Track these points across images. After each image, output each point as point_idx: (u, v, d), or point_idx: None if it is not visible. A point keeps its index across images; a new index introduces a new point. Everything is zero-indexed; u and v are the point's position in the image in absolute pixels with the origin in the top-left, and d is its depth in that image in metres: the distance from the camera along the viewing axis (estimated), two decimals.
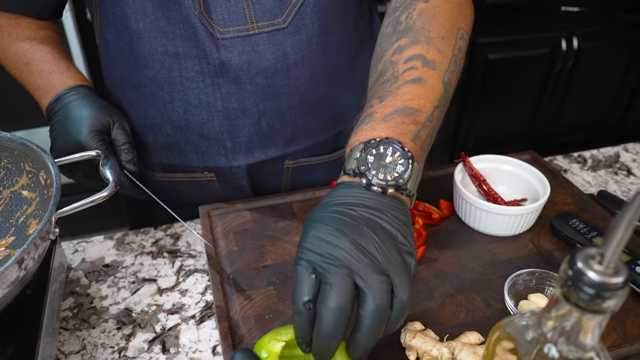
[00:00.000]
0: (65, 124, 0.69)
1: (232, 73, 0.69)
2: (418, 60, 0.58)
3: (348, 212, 0.47)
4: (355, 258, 0.44)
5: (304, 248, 0.45)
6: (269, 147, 0.77)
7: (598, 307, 0.30)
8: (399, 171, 0.50)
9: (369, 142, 0.51)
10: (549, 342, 0.34)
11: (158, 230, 0.77)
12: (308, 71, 0.72)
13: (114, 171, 0.54)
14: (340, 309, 0.42)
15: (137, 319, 0.64)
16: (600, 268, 0.30)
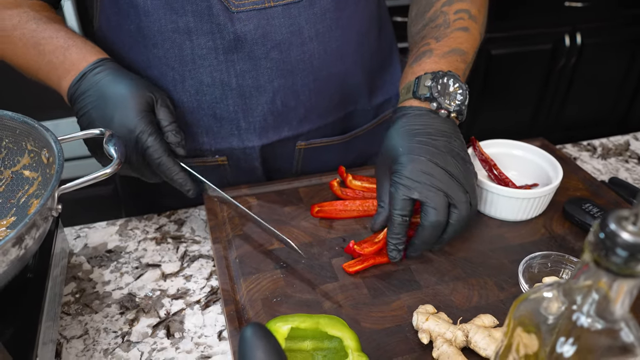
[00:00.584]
0: (102, 105, 0.60)
1: (247, 48, 0.68)
2: (465, 13, 0.73)
3: (432, 142, 0.61)
4: (447, 183, 0.58)
5: (404, 176, 0.59)
6: (283, 126, 0.75)
7: (631, 271, 0.29)
8: (459, 99, 0.64)
9: (437, 73, 0.65)
10: (578, 312, 0.32)
11: (162, 217, 0.75)
12: (322, 47, 0.72)
13: (119, 148, 0.53)
14: (440, 222, 0.58)
15: (141, 304, 0.62)
16: (635, 229, 0.28)
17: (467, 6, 0.73)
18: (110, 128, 0.59)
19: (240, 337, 0.36)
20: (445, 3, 0.74)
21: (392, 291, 0.59)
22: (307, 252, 0.64)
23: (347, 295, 0.58)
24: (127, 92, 0.60)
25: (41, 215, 0.45)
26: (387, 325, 0.55)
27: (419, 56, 0.70)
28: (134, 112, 0.60)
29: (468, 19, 0.72)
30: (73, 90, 0.63)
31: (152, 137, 0.60)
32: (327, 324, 0.49)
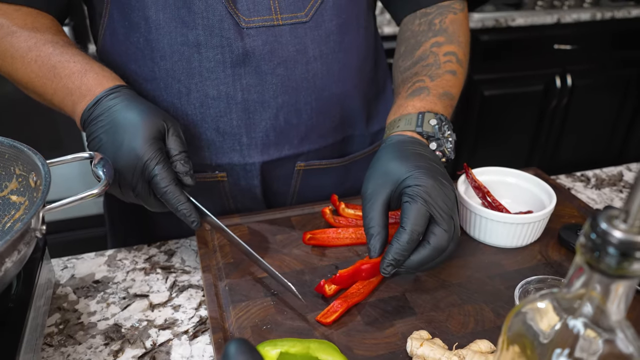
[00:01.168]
0: (112, 130, 0.59)
1: (254, 63, 0.69)
2: (453, 56, 0.75)
3: (440, 170, 0.60)
4: (454, 208, 0.58)
5: (423, 192, 0.57)
6: (284, 144, 0.76)
7: (625, 271, 0.28)
8: (450, 146, 0.66)
9: (440, 116, 0.67)
10: (573, 320, 0.31)
11: (152, 247, 0.74)
12: (325, 67, 0.74)
13: (107, 170, 0.52)
14: (444, 249, 0.57)
15: (127, 335, 0.60)
16: (626, 227, 0.27)
17: (455, 49, 0.75)
18: (118, 153, 0.58)
19: (224, 354, 0.34)
20: (435, 44, 0.76)
21: (385, 318, 0.57)
22: (298, 279, 0.62)
23: (339, 322, 0.56)
24: (139, 119, 0.59)
25: (24, 234, 0.44)
26: (381, 352, 0.53)
27: (415, 91, 0.71)
28: (143, 139, 0.58)
29: (456, 62, 0.74)
30: (87, 114, 0.62)
31: (160, 166, 0.59)
32: (317, 348, 0.47)
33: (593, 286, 0.30)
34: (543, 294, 0.34)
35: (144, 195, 0.61)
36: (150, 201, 0.61)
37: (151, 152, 0.58)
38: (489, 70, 2.14)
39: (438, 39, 0.76)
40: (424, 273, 0.63)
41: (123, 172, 0.59)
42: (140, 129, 0.59)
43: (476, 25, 1.99)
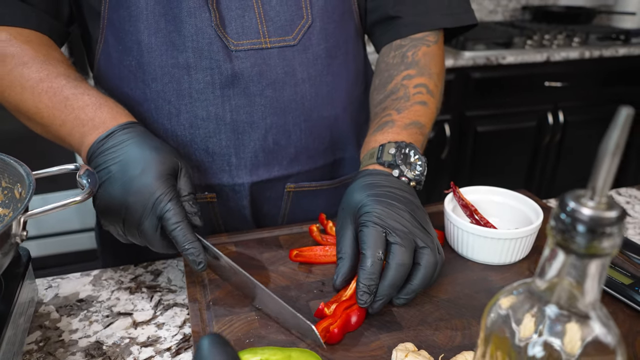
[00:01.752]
0: (125, 163, 0.58)
1: (243, 84, 0.71)
2: (424, 88, 0.76)
3: (395, 195, 0.61)
4: (415, 226, 0.59)
5: (373, 216, 0.58)
6: (273, 165, 0.77)
7: (596, 249, 0.28)
8: (419, 170, 0.66)
9: (400, 143, 0.67)
10: (547, 306, 0.31)
11: (138, 267, 0.74)
12: (314, 89, 0.75)
13: (92, 180, 0.52)
14: (407, 264, 0.57)
15: (108, 352, 0.59)
16: (593, 204, 0.28)
17: (426, 81, 0.77)
18: (129, 186, 0.57)
19: (197, 347, 0.34)
20: (406, 77, 0.77)
21: (371, 332, 0.56)
22: (284, 295, 0.61)
23: (323, 336, 0.55)
24: (155, 155, 0.59)
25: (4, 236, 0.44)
26: None
27: (381, 125, 0.72)
28: (157, 174, 0.58)
29: (426, 93, 0.76)
30: (97, 146, 0.60)
31: (173, 202, 0.57)
32: (299, 357, 0.46)
33: (566, 269, 0.30)
34: (518, 284, 0.34)
35: (150, 233, 0.58)
36: (156, 239, 0.59)
37: (165, 187, 0.57)
38: (481, 107, 2.17)
39: (409, 71, 0.78)
40: None
41: (132, 206, 0.57)
42: (155, 164, 0.58)
43: (467, 62, 2.04)
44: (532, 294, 0.32)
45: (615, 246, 0.28)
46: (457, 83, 2.08)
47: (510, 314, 0.33)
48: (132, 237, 0.60)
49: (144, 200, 0.57)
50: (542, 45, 2.23)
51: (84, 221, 1.79)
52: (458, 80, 2.07)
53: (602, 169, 0.27)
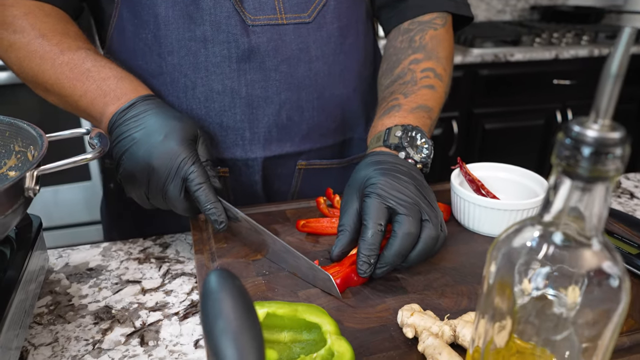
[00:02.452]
0: (149, 130, 0.60)
1: (259, 59, 0.72)
2: (431, 72, 0.76)
3: (401, 170, 0.61)
4: (419, 198, 0.59)
5: (378, 188, 0.58)
6: (286, 141, 0.78)
7: (600, 171, 0.28)
8: (426, 153, 0.66)
9: (406, 126, 0.67)
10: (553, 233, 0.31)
11: (147, 240, 0.74)
12: (327, 67, 0.77)
13: (102, 141, 0.53)
14: (414, 234, 0.57)
15: (117, 315, 0.59)
16: (597, 126, 0.28)
17: (433, 65, 0.77)
18: (154, 151, 0.59)
19: (205, 281, 0.34)
20: (413, 61, 0.78)
21: (377, 296, 0.56)
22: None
23: (330, 299, 0.56)
24: (177, 122, 0.61)
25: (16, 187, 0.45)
26: (372, 325, 0.52)
27: (388, 109, 0.73)
28: (181, 139, 0.60)
29: (434, 77, 0.76)
30: (120, 116, 0.62)
31: (197, 165, 0.60)
32: (305, 310, 0.47)
33: (571, 197, 0.30)
34: (523, 220, 0.34)
35: (174, 195, 0.60)
36: (180, 201, 0.61)
37: (188, 151, 0.60)
38: (489, 104, 2.17)
39: (417, 55, 0.78)
40: None
41: (157, 170, 0.59)
42: (177, 130, 0.61)
43: (475, 59, 2.04)
44: (537, 227, 0.32)
45: (618, 169, 0.28)
46: (465, 80, 2.08)
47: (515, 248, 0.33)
48: (156, 201, 0.62)
49: (168, 163, 0.59)
50: (550, 43, 2.23)
51: (93, 214, 1.80)
52: (466, 78, 2.08)
53: (605, 92, 0.28)
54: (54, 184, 1.73)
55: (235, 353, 0.32)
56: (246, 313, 0.33)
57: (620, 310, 0.31)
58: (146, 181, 0.60)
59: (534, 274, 0.31)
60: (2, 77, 1.60)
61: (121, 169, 0.62)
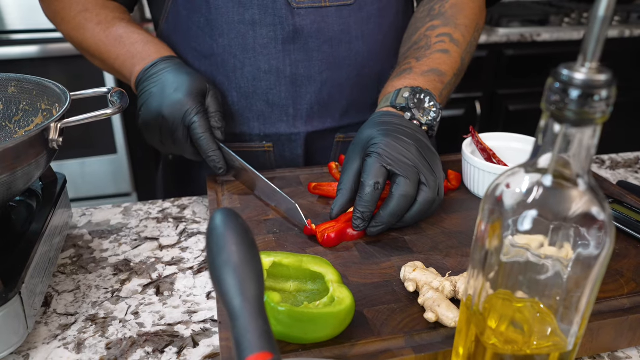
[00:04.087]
0: (163, 84, 0.68)
1: (303, 40, 0.76)
2: (446, 37, 0.77)
3: (404, 131, 0.62)
4: (419, 161, 0.60)
5: (378, 147, 0.60)
6: (327, 117, 0.82)
7: (587, 114, 0.29)
8: (432, 116, 0.68)
9: (415, 88, 0.68)
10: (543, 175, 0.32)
11: (166, 202, 0.77)
12: (366, 47, 0.80)
13: (123, 99, 0.56)
14: (410, 196, 0.59)
15: (135, 268, 0.62)
16: (585, 69, 0.29)
17: (450, 31, 0.78)
18: (165, 102, 0.67)
19: (211, 219, 0.36)
20: (430, 28, 0.79)
21: (383, 255, 0.58)
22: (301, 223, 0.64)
23: (338, 256, 0.58)
24: (186, 78, 0.69)
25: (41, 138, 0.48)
26: (375, 280, 0.53)
27: (399, 73, 0.75)
28: (188, 92, 0.67)
29: (449, 42, 0.77)
30: (143, 74, 0.71)
31: (199, 115, 0.67)
32: (310, 261, 0.48)
33: (559, 141, 0.31)
34: (514, 167, 0.35)
35: (182, 141, 0.68)
36: (187, 147, 0.69)
37: (193, 103, 0.67)
38: (514, 85, 2.14)
39: (434, 22, 0.79)
40: (426, 222, 0.64)
41: (167, 118, 0.67)
42: (186, 84, 0.68)
43: (501, 39, 2.01)
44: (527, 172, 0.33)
45: (605, 112, 0.29)
46: (489, 60, 2.06)
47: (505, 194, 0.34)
48: (168, 145, 0.70)
49: (176, 112, 0.67)
50: (580, 23, 2.18)
51: (119, 186, 1.86)
52: (490, 58, 2.05)
53: (593, 35, 0.28)
54: (81, 156, 1.78)
55: (236, 282, 0.34)
56: (247, 247, 0.35)
57: (604, 255, 0.32)
58: (159, 129, 0.68)
59: (521, 217, 0.32)
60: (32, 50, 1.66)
61: (140, 119, 0.70)
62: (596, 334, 0.48)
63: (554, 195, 0.32)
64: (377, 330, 0.47)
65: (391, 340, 0.46)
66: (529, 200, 0.33)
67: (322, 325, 0.43)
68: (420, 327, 0.47)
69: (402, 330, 0.47)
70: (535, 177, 0.33)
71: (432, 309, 0.47)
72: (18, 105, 0.63)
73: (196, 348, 0.51)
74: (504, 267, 0.34)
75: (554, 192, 0.32)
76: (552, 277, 0.34)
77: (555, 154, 0.31)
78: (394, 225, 0.61)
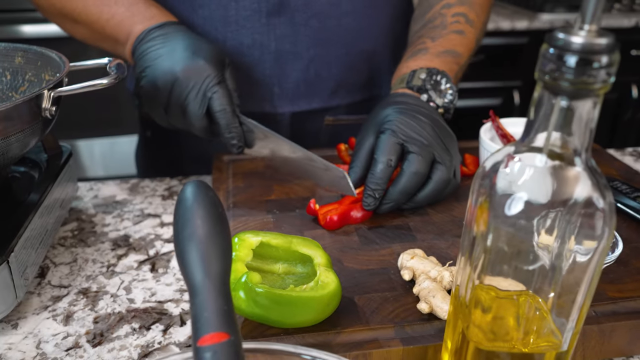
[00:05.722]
0: (174, 47, 0.60)
1: (289, 13, 0.71)
2: (462, 17, 0.73)
3: (420, 110, 0.60)
4: (434, 139, 0.57)
5: (393, 124, 0.58)
6: (313, 97, 0.78)
7: (586, 83, 0.25)
8: (449, 98, 0.65)
9: (432, 69, 0.65)
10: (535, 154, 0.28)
11: (173, 179, 0.76)
12: (356, 22, 0.75)
13: (120, 69, 0.55)
14: (422, 174, 0.56)
15: (133, 244, 0.62)
16: (583, 32, 0.25)
17: (465, 10, 0.74)
18: (180, 64, 0.58)
19: (181, 192, 0.34)
20: (445, 6, 0.75)
21: (384, 241, 0.55)
22: (303, 204, 0.61)
23: (336, 240, 0.55)
24: (206, 43, 0.61)
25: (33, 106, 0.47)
26: (372, 267, 0.51)
27: (414, 53, 0.71)
28: (210, 58, 0.59)
29: (465, 22, 0.73)
30: (148, 33, 0.62)
31: (221, 85, 0.59)
32: (300, 243, 0.46)
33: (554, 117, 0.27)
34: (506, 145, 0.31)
35: (194, 111, 0.59)
36: (199, 119, 0.59)
37: (216, 71, 0.59)
38: None
39: (449, 0, 0.75)
40: (434, 209, 0.61)
41: (181, 81, 0.58)
42: (207, 50, 0.60)
43: (543, 25, 1.92)
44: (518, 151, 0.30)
45: (607, 81, 0.25)
46: (530, 47, 1.97)
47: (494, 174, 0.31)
48: (174, 117, 0.61)
49: (194, 76, 0.58)
50: (632, 10, 2.06)
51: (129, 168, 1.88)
52: (531, 45, 1.96)
53: None
54: (106, 135, 1.81)
55: (198, 257, 0.32)
56: (214, 223, 0.33)
57: (602, 246, 0.28)
58: (167, 94, 0.59)
59: (510, 199, 0.29)
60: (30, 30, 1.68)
61: (143, 81, 0.61)
62: (608, 336, 0.44)
63: (547, 176, 0.28)
64: (365, 318, 0.44)
65: (379, 330, 0.43)
66: (519, 182, 0.29)
67: (302, 309, 0.41)
68: (412, 318, 0.44)
69: (392, 320, 0.44)
70: (528, 157, 0.29)
71: (426, 299, 0.44)
72: (24, 76, 0.62)
73: (183, 327, 0.49)
74: (490, 254, 0.31)
75: (547, 173, 0.28)
76: (543, 268, 0.31)
77: (550, 130, 0.28)
78: (406, 205, 0.59)
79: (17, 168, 0.62)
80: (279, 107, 0.77)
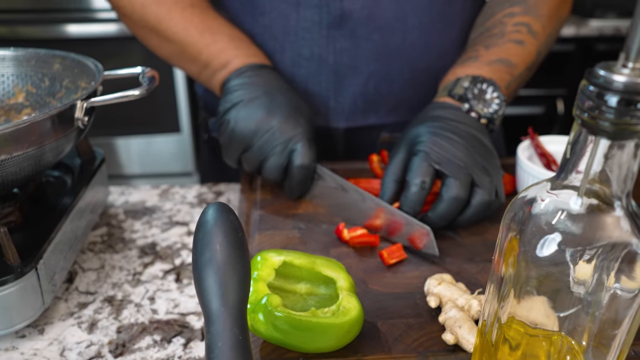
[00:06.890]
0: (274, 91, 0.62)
1: (350, 26, 0.69)
2: (524, 27, 0.69)
3: (457, 127, 0.58)
4: (471, 161, 0.55)
5: (425, 146, 0.56)
6: (370, 113, 0.75)
7: (629, 124, 0.23)
8: (494, 109, 0.62)
9: (477, 77, 0.62)
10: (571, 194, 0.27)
11: (204, 187, 0.77)
12: (424, 38, 0.71)
13: (150, 81, 0.55)
14: (461, 199, 0.54)
15: (160, 252, 0.62)
16: (627, 70, 0.23)
17: (530, 21, 0.69)
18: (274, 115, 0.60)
19: (202, 213, 0.34)
20: (508, 14, 0.71)
21: (412, 263, 0.53)
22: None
23: (361, 260, 0.54)
24: (307, 104, 0.65)
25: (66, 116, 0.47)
26: (397, 291, 0.49)
27: (464, 60, 0.68)
28: (306, 115, 0.62)
29: (527, 33, 0.69)
30: (250, 69, 0.64)
31: (311, 142, 0.61)
32: (323, 264, 0.45)
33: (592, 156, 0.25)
34: (540, 181, 0.30)
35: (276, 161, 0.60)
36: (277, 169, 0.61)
37: (308, 128, 0.61)
38: None
39: (513, 9, 0.71)
40: (466, 230, 0.59)
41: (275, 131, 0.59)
42: (308, 109, 0.64)
43: (592, 32, 1.85)
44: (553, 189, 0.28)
45: None
46: (576, 55, 1.90)
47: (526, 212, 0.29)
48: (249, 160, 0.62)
49: (290, 131, 0.59)
50: None
51: (184, 165, 1.90)
52: (578, 52, 1.89)
53: (638, 30, 0.23)
54: (147, 133, 1.84)
55: (216, 284, 0.32)
56: (234, 248, 0.33)
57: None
58: (255, 139, 0.60)
59: (543, 240, 0.27)
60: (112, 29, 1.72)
61: (229, 115, 0.62)
62: None
63: (583, 219, 0.27)
64: (388, 346, 0.43)
65: (401, 359, 0.42)
66: (553, 222, 0.27)
67: (322, 335, 0.40)
68: (437, 348, 0.43)
69: (415, 350, 0.43)
70: (564, 196, 0.27)
71: (452, 330, 0.43)
72: (61, 82, 0.64)
73: (203, 341, 0.49)
74: (518, 292, 0.29)
75: (583, 215, 0.27)
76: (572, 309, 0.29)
77: (587, 171, 0.26)
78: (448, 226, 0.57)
79: (52, 172, 0.64)
80: (332, 121, 0.75)
